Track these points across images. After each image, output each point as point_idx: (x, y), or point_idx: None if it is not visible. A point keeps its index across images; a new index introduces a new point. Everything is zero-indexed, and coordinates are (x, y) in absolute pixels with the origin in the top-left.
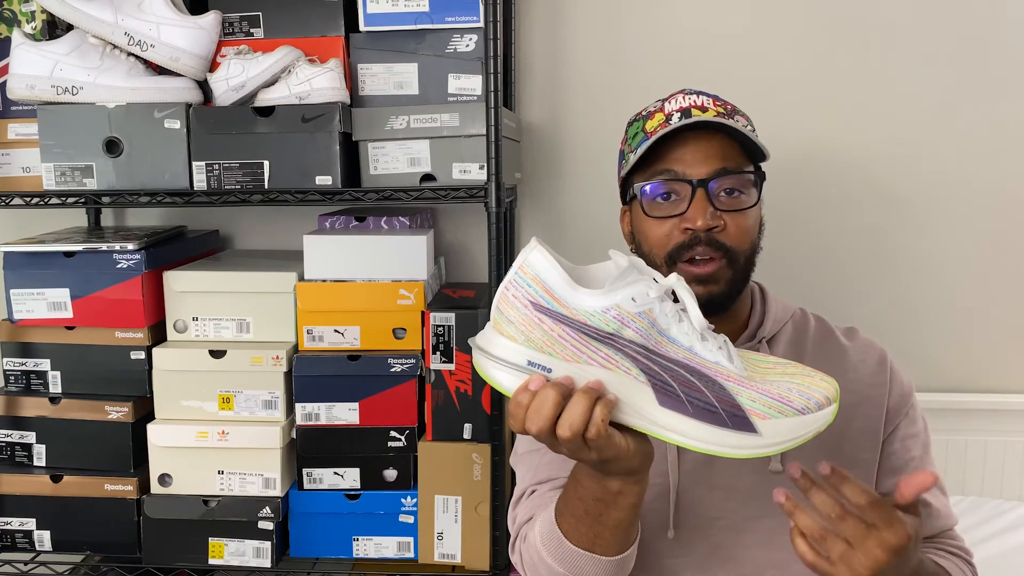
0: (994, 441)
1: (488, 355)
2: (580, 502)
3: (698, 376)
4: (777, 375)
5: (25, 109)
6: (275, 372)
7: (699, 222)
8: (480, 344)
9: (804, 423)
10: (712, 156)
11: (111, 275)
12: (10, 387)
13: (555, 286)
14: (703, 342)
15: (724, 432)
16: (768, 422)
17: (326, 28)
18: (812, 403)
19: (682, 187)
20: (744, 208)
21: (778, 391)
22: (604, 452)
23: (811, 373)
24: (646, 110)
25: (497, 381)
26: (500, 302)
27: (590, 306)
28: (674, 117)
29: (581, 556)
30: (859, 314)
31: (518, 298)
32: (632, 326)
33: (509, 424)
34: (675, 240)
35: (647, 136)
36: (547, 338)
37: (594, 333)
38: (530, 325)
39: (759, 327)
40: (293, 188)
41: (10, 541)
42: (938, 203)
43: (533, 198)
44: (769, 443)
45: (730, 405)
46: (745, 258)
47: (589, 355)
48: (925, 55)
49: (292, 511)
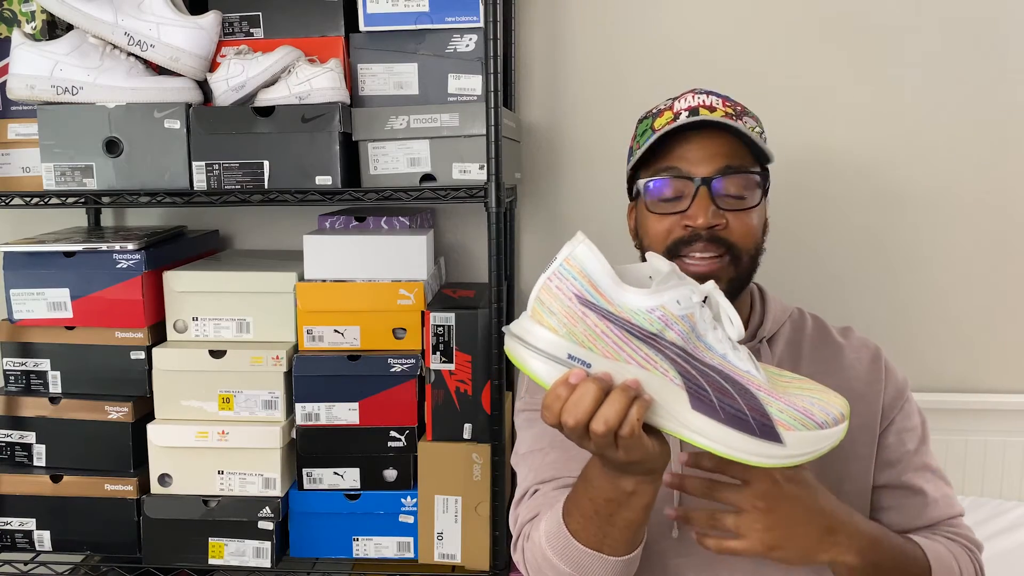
0: (994, 441)
1: (526, 344)
2: (590, 502)
3: (731, 383)
4: (796, 389)
5: (25, 109)
6: (275, 372)
7: (700, 220)
8: (517, 333)
9: (823, 437)
10: (717, 155)
11: (111, 275)
12: (10, 387)
13: (601, 282)
14: (735, 351)
15: (752, 440)
16: (793, 433)
17: (326, 28)
18: (830, 418)
19: (685, 184)
20: (747, 208)
21: (802, 404)
22: (632, 452)
23: (826, 390)
24: (656, 108)
25: (534, 371)
26: (542, 293)
27: (636, 305)
28: (682, 115)
29: (588, 556)
30: (858, 314)
31: (562, 290)
32: (675, 328)
33: (542, 416)
34: (675, 236)
35: (655, 132)
36: (590, 333)
37: (638, 332)
38: (573, 318)
39: (759, 327)
40: (293, 188)
41: (10, 541)
42: (937, 203)
43: (533, 198)
44: (791, 454)
45: (760, 414)
46: (749, 257)
47: (629, 353)
48: (923, 55)
49: (292, 511)
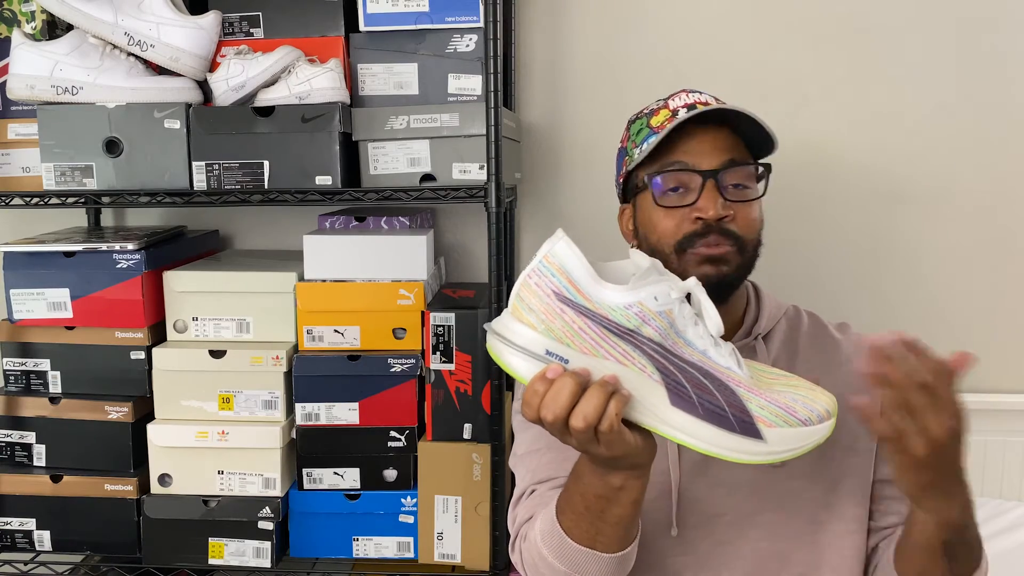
0: (994, 441)
1: (505, 341)
2: (581, 498)
3: (711, 379)
4: (782, 385)
5: (25, 109)
6: (275, 372)
7: (711, 211)
8: (497, 329)
9: (806, 434)
10: (720, 148)
11: (111, 275)
12: (10, 387)
13: (579, 278)
14: (716, 347)
15: (731, 436)
16: (774, 430)
17: (326, 28)
18: (815, 415)
19: (692, 178)
20: (750, 200)
21: (785, 400)
22: (613, 447)
23: (813, 387)
24: (648, 108)
25: (513, 367)
26: (522, 289)
27: (614, 301)
28: (680, 112)
29: (582, 553)
30: (856, 314)
31: (541, 287)
32: (652, 324)
33: (523, 412)
34: (685, 230)
35: (653, 131)
36: (567, 329)
37: (615, 328)
38: (551, 315)
39: (754, 324)
40: (293, 188)
41: (10, 541)
42: (936, 203)
43: (533, 198)
44: (773, 451)
45: (739, 410)
46: (752, 247)
47: (607, 349)
48: (924, 54)
49: (292, 511)
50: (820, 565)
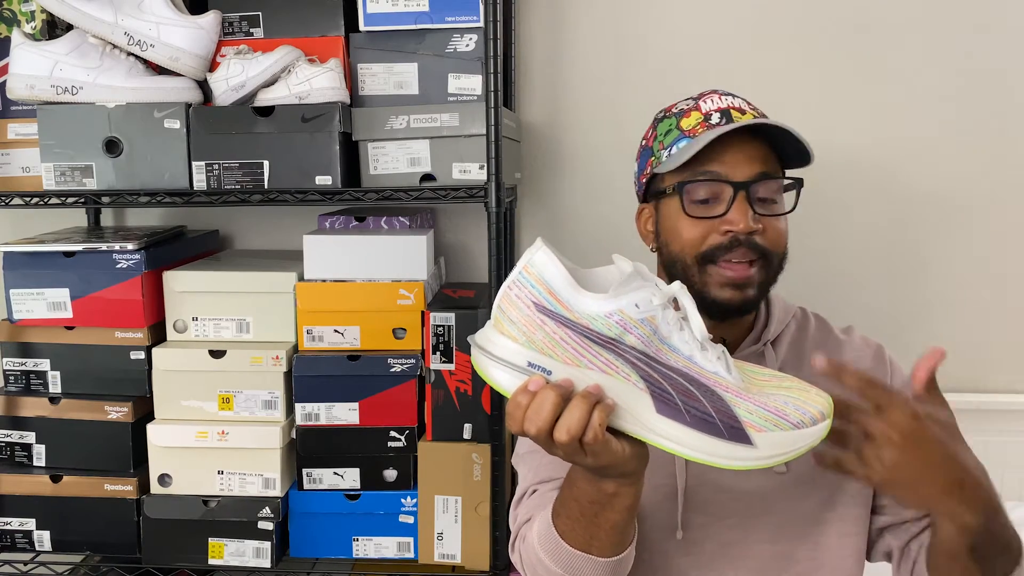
0: (994, 441)
1: (488, 354)
2: (575, 503)
3: (696, 386)
4: (773, 388)
5: (25, 109)
6: (275, 372)
7: (741, 224)
8: (479, 343)
9: (799, 437)
10: (754, 159)
11: (111, 275)
12: (10, 387)
13: (559, 288)
14: (703, 352)
15: (720, 442)
16: (764, 435)
17: (326, 28)
18: (807, 418)
19: (723, 189)
20: (780, 213)
21: (775, 404)
22: (600, 457)
23: (807, 388)
24: (677, 107)
25: (496, 380)
26: (502, 301)
27: (593, 310)
28: (713, 117)
29: (578, 557)
30: (860, 314)
31: (521, 298)
32: (634, 332)
33: (507, 425)
34: (712, 242)
35: (684, 134)
36: (548, 340)
37: (596, 337)
38: (532, 326)
39: (764, 330)
40: (293, 188)
41: (10, 541)
42: (939, 203)
43: (533, 198)
44: (763, 455)
45: (727, 416)
46: (778, 262)
47: (590, 359)
48: (931, 53)
49: (292, 511)
50: (821, 565)
